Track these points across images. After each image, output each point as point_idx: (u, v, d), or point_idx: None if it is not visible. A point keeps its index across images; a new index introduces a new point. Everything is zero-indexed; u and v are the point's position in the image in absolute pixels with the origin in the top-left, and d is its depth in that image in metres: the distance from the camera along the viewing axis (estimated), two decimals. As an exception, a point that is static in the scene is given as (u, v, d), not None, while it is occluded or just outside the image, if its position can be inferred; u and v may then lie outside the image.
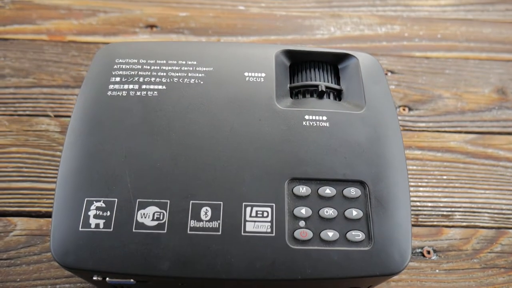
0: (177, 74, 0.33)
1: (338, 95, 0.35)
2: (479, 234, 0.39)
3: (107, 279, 0.27)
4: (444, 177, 0.42)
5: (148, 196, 0.28)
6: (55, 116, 0.43)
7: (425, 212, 0.40)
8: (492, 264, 0.38)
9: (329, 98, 0.34)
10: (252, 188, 0.29)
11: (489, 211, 0.40)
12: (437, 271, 0.37)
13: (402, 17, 0.54)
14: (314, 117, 0.32)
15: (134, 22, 0.51)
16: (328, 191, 0.29)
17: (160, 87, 0.32)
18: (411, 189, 0.41)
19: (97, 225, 0.27)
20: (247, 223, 0.28)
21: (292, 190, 0.29)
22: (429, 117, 0.46)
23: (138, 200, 0.28)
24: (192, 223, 0.27)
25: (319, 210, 0.28)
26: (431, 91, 0.48)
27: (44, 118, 0.43)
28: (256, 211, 0.28)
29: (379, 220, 0.28)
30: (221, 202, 0.28)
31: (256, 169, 0.29)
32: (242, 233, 0.27)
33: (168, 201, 0.28)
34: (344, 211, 0.29)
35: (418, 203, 0.40)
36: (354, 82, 0.34)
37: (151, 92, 0.32)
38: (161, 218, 0.28)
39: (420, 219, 0.40)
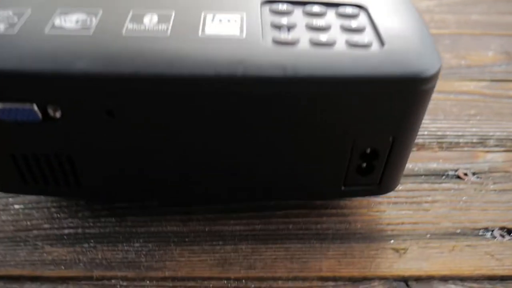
0: None
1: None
2: (526, 158, 0.30)
3: None
4: (465, 112, 0.34)
5: (75, 5, 0.21)
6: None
7: (449, 140, 0.31)
8: (554, 187, 0.28)
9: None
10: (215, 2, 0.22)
11: (530, 138, 0.32)
12: (483, 192, 0.27)
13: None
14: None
15: None
16: (316, 8, 0.22)
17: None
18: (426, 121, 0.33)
19: (-5, 28, 0.19)
20: (206, 26, 0.20)
21: (269, 7, 0.22)
22: (432, 71, 0.40)
23: (59, 8, 0.21)
24: (130, 25, 0.20)
25: (307, 22, 0.21)
26: (429, 55, 0.43)
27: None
28: (220, 19, 0.21)
29: (389, 28, 0.21)
30: (173, 11, 0.21)
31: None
32: (200, 35, 0.19)
33: (101, 10, 0.21)
34: (342, 23, 0.21)
35: (439, 133, 0.32)
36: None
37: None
38: (87, 22, 0.20)
39: (445, 146, 0.31)
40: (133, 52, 0.18)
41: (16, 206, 0.25)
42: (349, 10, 0.22)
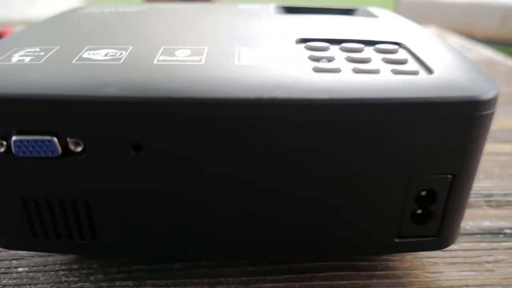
0: None
1: None
2: None
3: (14, 138, 0.17)
4: (506, 171, 0.32)
5: (103, 43, 0.20)
6: None
7: (497, 198, 0.29)
8: None
9: None
10: (248, 37, 0.21)
11: None
12: (551, 250, 0.24)
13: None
14: None
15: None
16: (353, 45, 0.21)
17: None
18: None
19: (20, 61, 0.18)
20: (241, 57, 0.19)
21: (304, 45, 0.21)
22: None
23: (88, 46, 0.20)
24: (162, 57, 0.19)
25: (346, 56, 0.20)
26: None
27: None
28: (256, 53, 0.19)
29: (433, 59, 0.20)
30: (206, 47, 0.20)
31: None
32: (236, 63, 0.18)
33: (131, 47, 0.20)
34: (382, 57, 0.20)
35: (484, 191, 0.29)
36: None
37: None
38: (117, 55, 0.19)
39: (494, 204, 0.28)
40: (165, 77, 0.17)
41: (20, 269, 0.22)
42: (386, 46, 0.21)
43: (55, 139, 0.17)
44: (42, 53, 0.19)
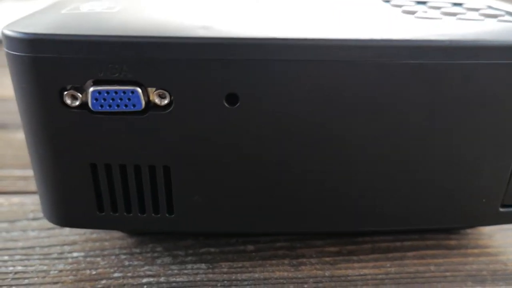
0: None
1: None
2: None
3: (91, 89, 0.15)
4: None
5: (176, -4, 0.18)
6: None
7: None
8: None
9: None
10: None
11: None
12: None
13: None
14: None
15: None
16: (440, 4, 0.20)
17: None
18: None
19: (91, 10, 0.16)
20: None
21: (390, 3, 0.19)
22: None
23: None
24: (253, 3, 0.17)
25: (440, 11, 0.18)
26: None
27: None
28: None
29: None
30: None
31: None
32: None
33: (207, -2, 0.18)
34: (477, 12, 0.18)
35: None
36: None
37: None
38: (196, 5, 0.17)
39: None
40: (268, 19, 0.15)
41: (75, 254, 0.19)
42: (475, 5, 0.20)
43: (139, 90, 0.15)
44: (112, 5, 0.17)
